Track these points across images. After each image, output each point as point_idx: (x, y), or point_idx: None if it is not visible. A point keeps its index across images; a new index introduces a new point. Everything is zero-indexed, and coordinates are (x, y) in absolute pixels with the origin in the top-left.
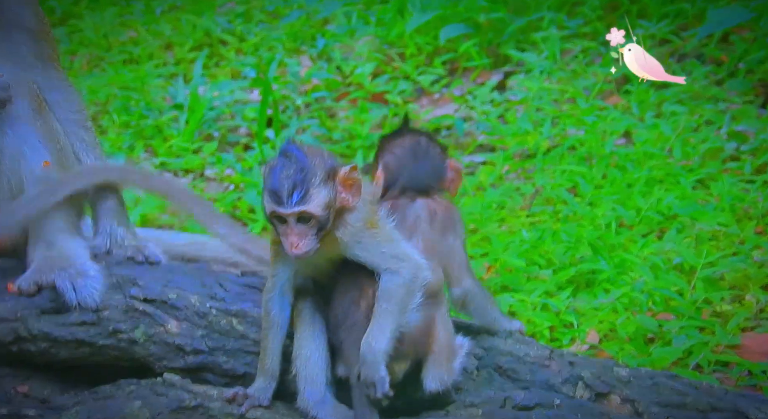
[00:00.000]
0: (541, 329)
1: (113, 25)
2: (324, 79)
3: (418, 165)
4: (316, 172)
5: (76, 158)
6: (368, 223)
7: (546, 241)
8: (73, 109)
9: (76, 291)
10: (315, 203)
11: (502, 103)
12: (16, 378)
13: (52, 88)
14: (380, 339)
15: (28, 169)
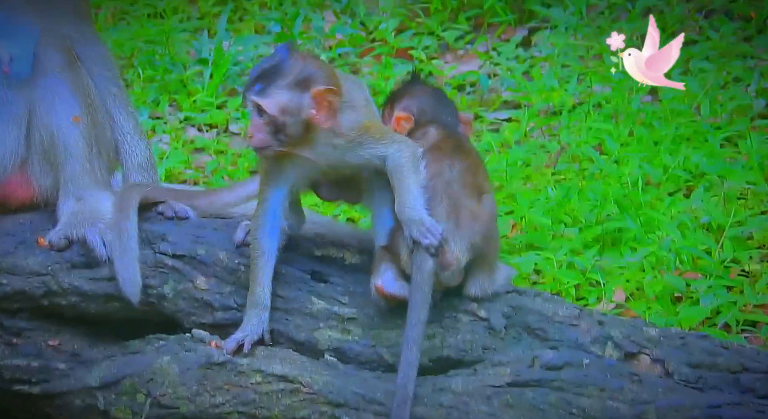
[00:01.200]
0: (567, 287)
1: None
2: (348, 34)
3: (446, 107)
4: (289, 74)
5: (107, 113)
6: (364, 128)
7: (572, 199)
8: (105, 66)
9: (106, 246)
10: (270, 101)
11: (527, 59)
12: (46, 332)
13: (84, 44)
14: (412, 199)
15: (58, 121)
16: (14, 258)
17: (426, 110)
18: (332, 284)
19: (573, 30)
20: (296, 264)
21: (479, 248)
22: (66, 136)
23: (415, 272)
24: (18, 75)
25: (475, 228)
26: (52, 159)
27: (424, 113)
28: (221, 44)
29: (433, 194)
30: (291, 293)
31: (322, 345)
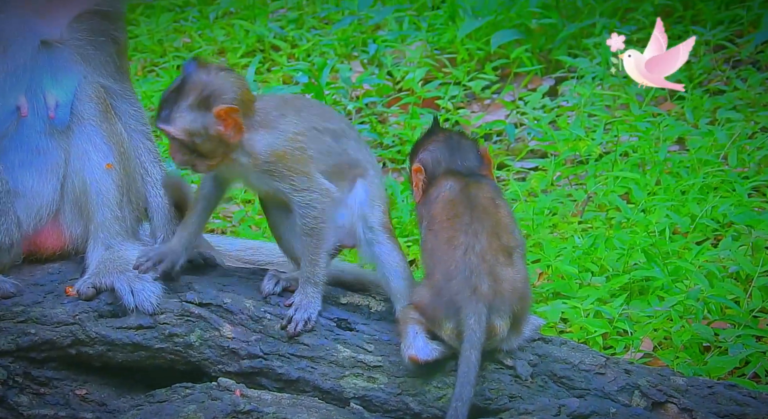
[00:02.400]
0: (595, 336)
1: (167, 31)
2: (375, 84)
3: (459, 152)
4: (191, 95)
5: (139, 164)
6: (278, 156)
7: (599, 248)
8: (139, 119)
9: (133, 295)
10: (175, 127)
11: (553, 109)
12: (74, 381)
13: (121, 96)
14: (313, 267)
15: (91, 169)
16: (42, 308)
17: (440, 160)
18: (358, 332)
19: (599, 80)
20: (322, 312)
21: (516, 309)
22: (98, 183)
23: (466, 349)
24: (58, 122)
25: (514, 296)
26: (83, 207)
27: (438, 163)
28: None
29: (470, 273)
30: (317, 342)
31: (348, 394)
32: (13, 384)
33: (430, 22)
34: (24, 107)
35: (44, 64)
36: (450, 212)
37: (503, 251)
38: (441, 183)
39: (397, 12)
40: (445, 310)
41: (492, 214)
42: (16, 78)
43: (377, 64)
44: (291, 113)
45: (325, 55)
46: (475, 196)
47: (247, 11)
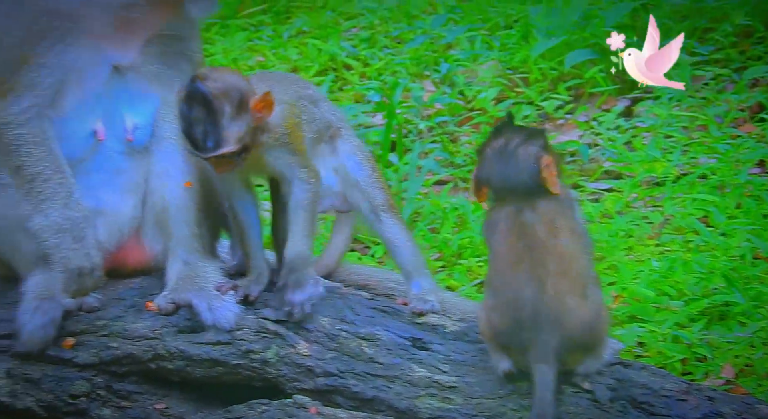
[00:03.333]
0: (673, 361)
1: (242, 49)
2: (447, 103)
3: (506, 168)
4: (226, 110)
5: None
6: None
7: (677, 271)
8: None
9: (211, 312)
10: (231, 143)
11: (628, 129)
12: (154, 395)
13: None
14: (305, 243)
15: (171, 187)
16: (124, 322)
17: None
18: (433, 352)
19: (677, 101)
20: (397, 331)
21: (589, 341)
22: (177, 201)
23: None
24: (139, 143)
25: (587, 330)
26: (163, 224)
27: (493, 176)
28: None
29: (535, 310)
30: (391, 360)
31: (422, 414)
32: (95, 397)
33: (503, 41)
34: (101, 131)
35: (119, 89)
36: (510, 254)
37: (571, 286)
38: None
39: (470, 31)
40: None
41: (553, 250)
42: (91, 104)
43: (449, 84)
44: (276, 86)
45: (397, 74)
46: (532, 230)
47: (320, 30)
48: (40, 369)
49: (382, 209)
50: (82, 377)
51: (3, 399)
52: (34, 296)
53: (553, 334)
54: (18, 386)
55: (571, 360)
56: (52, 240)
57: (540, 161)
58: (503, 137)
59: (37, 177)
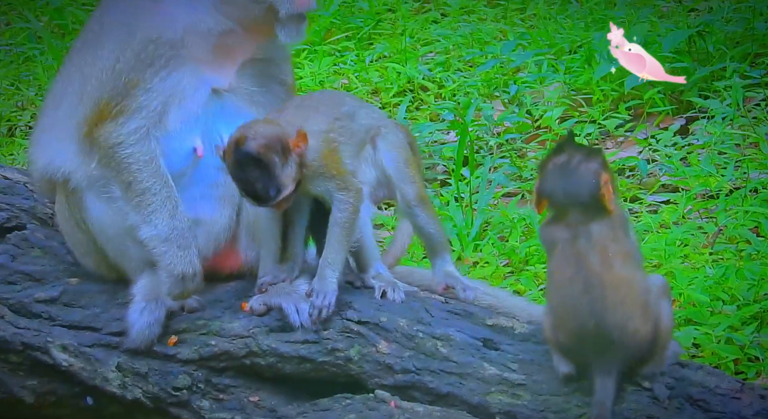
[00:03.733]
0: (726, 361)
1: (328, 73)
2: (515, 122)
3: (567, 183)
4: (275, 162)
5: None
6: (323, 157)
7: (730, 278)
8: None
9: (299, 314)
10: (288, 186)
11: (684, 146)
12: (248, 389)
13: None
14: (337, 258)
15: None
16: (221, 322)
17: (555, 190)
18: (503, 352)
19: (730, 120)
20: (469, 332)
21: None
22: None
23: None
24: None
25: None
26: (256, 233)
27: (552, 193)
28: None
29: (596, 334)
30: (464, 359)
31: (493, 409)
32: (196, 389)
33: (568, 65)
34: (200, 148)
35: (216, 111)
36: (567, 283)
37: (631, 309)
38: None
39: (537, 56)
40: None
41: (609, 281)
42: (191, 124)
43: (517, 104)
44: (312, 114)
45: (469, 95)
46: (587, 262)
47: (399, 55)
48: (146, 364)
49: (414, 203)
50: (184, 371)
51: (114, 390)
52: (142, 297)
53: (614, 353)
54: (127, 379)
55: (634, 367)
56: (160, 248)
57: (599, 177)
58: (565, 153)
59: (146, 192)
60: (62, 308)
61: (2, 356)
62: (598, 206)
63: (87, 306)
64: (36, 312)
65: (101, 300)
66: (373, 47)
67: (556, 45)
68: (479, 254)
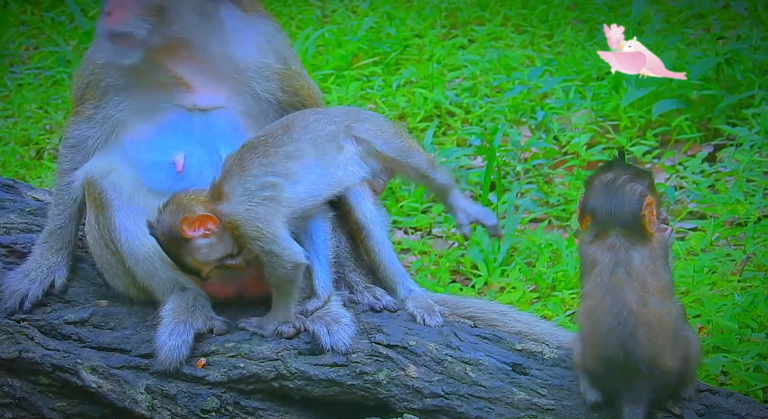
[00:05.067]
0: (755, 389)
1: (356, 97)
2: (542, 148)
3: (611, 201)
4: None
5: None
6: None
7: (758, 305)
8: None
9: (330, 336)
10: (203, 270)
11: (712, 174)
12: (277, 412)
13: None
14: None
15: None
16: (250, 345)
17: (599, 208)
18: (532, 377)
19: (758, 148)
20: (498, 356)
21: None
22: None
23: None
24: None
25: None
26: None
27: (596, 211)
28: None
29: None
30: (493, 384)
31: None
32: (224, 412)
33: (595, 91)
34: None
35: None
36: (601, 315)
37: (662, 344)
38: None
39: (564, 82)
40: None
41: (644, 318)
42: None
43: (544, 130)
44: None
45: (496, 121)
46: (624, 295)
47: (426, 80)
48: (175, 386)
49: (429, 170)
50: (213, 393)
51: (143, 412)
52: (171, 320)
53: (643, 384)
54: (156, 401)
55: (662, 397)
56: None
57: (643, 198)
58: (612, 171)
59: None
60: (92, 330)
61: (32, 377)
62: (639, 229)
63: (116, 328)
64: (66, 334)
65: (130, 322)
66: (400, 72)
67: (583, 71)
68: (506, 280)
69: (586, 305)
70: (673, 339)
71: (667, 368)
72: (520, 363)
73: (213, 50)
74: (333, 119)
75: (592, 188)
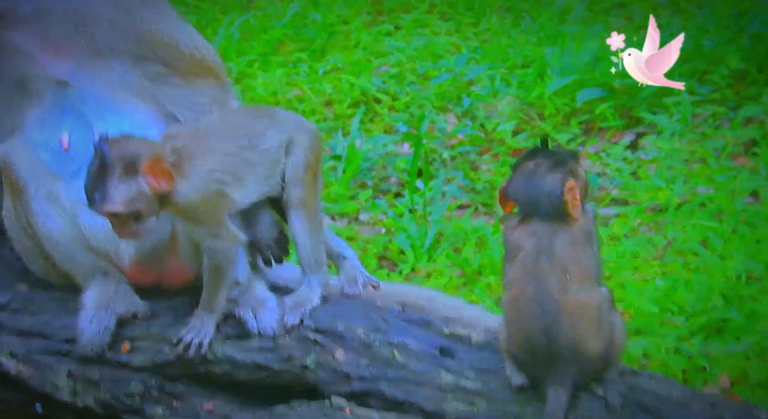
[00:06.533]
0: (675, 371)
1: (281, 84)
2: (468, 135)
3: (533, 187)
4: (114, 168)
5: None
6: (196, 205)
7: (678, 290)
8: None
9: (257, 320)
10: (117, 203)
11: (634, 161)
12: (202, 396)
13: None
14: (217, 303)
15: None
16: (175, 329)
17: (520, 194)
18: (459, 360)
19: (678, 135)
20: (426, 340)
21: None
22: None
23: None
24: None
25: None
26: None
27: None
28: (354, 142)
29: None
30: (420, 367)
31: (449, 416)
32: (149, 396)
33: (521, 79)
34: (65, 141)
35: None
36: (524, 302)
37: (585, 329)
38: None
39: (490, 70)
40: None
41: (565, 304)
42: (51, 119)
43: (471, 117)
44: (200, 150)
45: (423, 108)
46: (546, 282)
47: (353, 67)
48: (98, 371)
49: (293, 205)
50: (137, 378)
51: (65, 397)
52: (92, 305)
53: (568, 369)
54: (79, 386)
55: (586, 379)
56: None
57: (564, 184)
58: (535, 158)
59: None
60: (11, 315)
61: None
62: (562, 214)
63: (37, 313)
64: None
65: (51, 307)
66: (327, 59)
67: (509, 59)
68: (433, 265)
69: (511, 292)
70: (597, 325)
71: (590, 353)
72: (448, 347)
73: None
74: (286, 124)
75: (514, 175)
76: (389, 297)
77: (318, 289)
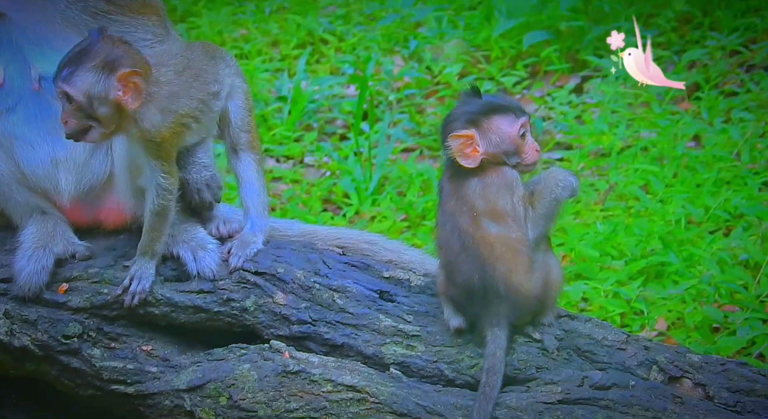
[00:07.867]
0: (613, 315)
1: (227, 23)
2: (415, 77)
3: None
4: (96, 57)
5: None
6: (160, 135)
7: (619, 234)
8: None
9: (196, 262)
10: (77, 87)
11: (579, 105)
12: (141, 338)
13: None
14: (150, 244)
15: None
16: (114, 270)
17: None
18: (398, 304)
19: (623, 79)
20: (365, 284)
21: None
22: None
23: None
24: (49, 92)
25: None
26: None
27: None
28: (299, 84)
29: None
30: (360, 311)
31: (388, 360)
32: (87, 338)
33: (467, 21)
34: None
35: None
36: (449, 242)
37: (513, 266)
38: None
39: (437, 11)
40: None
41: (482, 239)
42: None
43: (417, 59)
44: (180, 89)
45: (369, 50)
46: (461, 220)
47: (299, 6)
48: (35, 311)
49: (242, 148)
50: (75, 319)
51: (1, 337)
52: (30, 244)
53: (502, 308)
54: (15, 326)
55: (523, 321)
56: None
57: (447, 136)
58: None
59: None
60: None
61: None
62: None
63: None
64: None
65: None
66: None
67: (455, 1)
68: (377, 209)
69: (438, 234)
70: (525, 260)
71: (524, 289)
72: (387, 290)
73: None
74: (229, 72)
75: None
76: (330, 241)
77: (262, 232)
